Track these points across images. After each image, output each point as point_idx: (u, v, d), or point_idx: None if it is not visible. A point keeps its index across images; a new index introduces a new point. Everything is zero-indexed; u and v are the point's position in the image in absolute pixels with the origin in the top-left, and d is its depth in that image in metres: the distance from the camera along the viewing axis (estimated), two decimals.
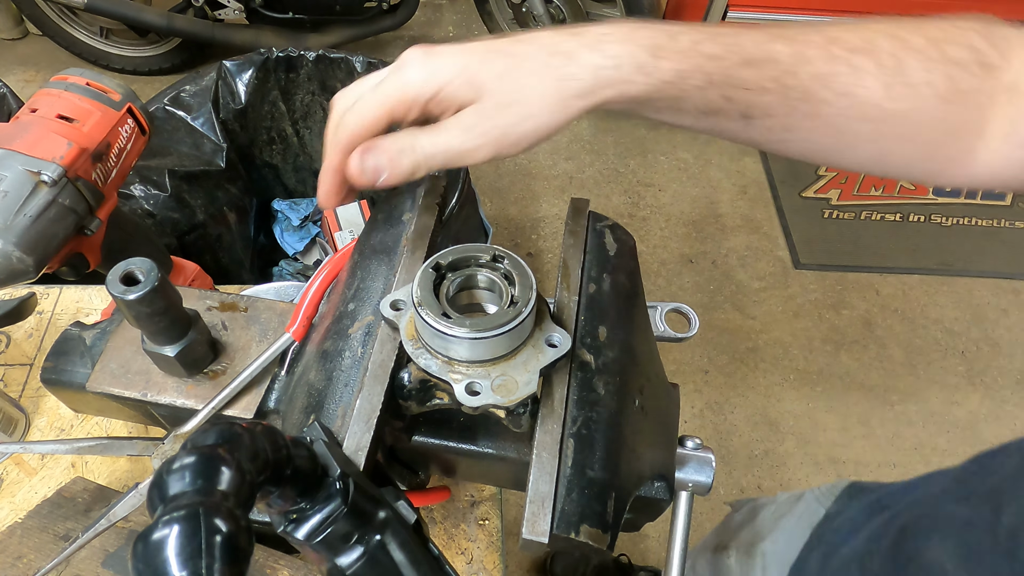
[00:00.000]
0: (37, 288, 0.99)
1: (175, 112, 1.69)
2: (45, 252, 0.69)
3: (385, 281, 0.55)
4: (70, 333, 0.60)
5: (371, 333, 0.51)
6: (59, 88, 0.74)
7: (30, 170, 0.66)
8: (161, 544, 0.27)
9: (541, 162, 2.71)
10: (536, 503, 0.44)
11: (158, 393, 0.55)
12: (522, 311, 0.44)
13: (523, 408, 0.46)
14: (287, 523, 0.39)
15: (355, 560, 0.40)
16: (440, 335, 0.43)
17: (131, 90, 0.79)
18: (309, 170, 2.03)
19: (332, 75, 1.80)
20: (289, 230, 2.01)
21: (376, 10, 2.57)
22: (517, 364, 0.45)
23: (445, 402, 0.48)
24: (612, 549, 0.46)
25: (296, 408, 0.52)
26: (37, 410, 0.88)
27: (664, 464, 0.53)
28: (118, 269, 0.47)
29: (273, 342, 0.55)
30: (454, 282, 0.48)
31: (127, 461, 0.84)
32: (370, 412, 0.46)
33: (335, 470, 0.39)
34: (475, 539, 0.79)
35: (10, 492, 0.81)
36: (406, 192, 0.61)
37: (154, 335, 0.51)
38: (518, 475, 0.53)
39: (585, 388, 0.49)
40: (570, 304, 0.53)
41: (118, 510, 0.52)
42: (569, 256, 0.56)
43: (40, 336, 0.95)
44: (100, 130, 0.74)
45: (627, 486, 0.50)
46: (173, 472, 0.30)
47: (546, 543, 0.43)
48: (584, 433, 0.47)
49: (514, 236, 2.52)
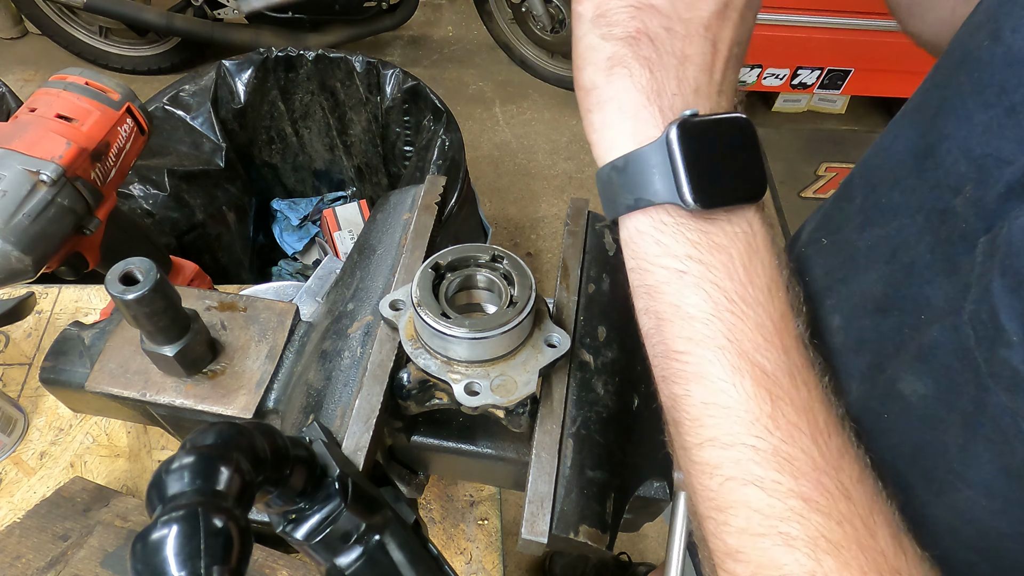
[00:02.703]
0: (36, 287, 0.99)
1: (174, 112, 1.69)
2: (44, 252, 0.69)
3: (384, 281, 0.55)
4: (69, 333, 0.60)
5: (370, 333, 0.51)
6: (58, 87, 0.74)
7: (29, 169, 0.66)
8: (160, 544, 0.27)
9: (540, 162, 2.71)
10: (535, 503, 0.44)
11: (157, 393, 0.55)
12: (521, 311, 0.44)
13: (522, 408, 0.46)
14: (286, 523, 0.39)
15: (354, 560, 0.40)
16: (439, 335, 0.43)
17: (130, 89, 0.79)
18: (308, 170, 2.03)
19: (331, 75, 1.80)
20: (288, 230, 2.01)
21: (375, 10, 2.57)
22: (516, 364, 0.45)
23: (444, 402, 0.48)
24: (611, 549, 0.46)
25: (295, 408, 0.52)
26: (36, 410, 0.88)
27: (663, 464, 0.53)
28: (117, 269, 0.47)
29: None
30: (453, 282, 0.48)
31: (126, 461, 0.84)
32: (369, 412, 0.46)
33: (334, 470, 0.39)
34: (474, 539, 0.79)
35: (9, 492, 0.81)
36: (406, 192, 0.61)
37: (153, 335, 0.51)
38: (517, 475, 0.53)
39: (584, 388, 0.49)
40: (569, 304, 0.53)
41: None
42: (568, 256, 0.56)
43: (39, 336, 0.95)
44: (99, 129, 0.73)
45: (626, 486, 0.50)
46: (172, 472, 0.30)
47: (545, 543, 0.43)
48: (583, 433, 0.47)
49: (513, 236, 2.52)
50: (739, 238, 0.36)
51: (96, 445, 0.85)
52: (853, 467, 0.35)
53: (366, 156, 1.98)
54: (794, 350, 0.36)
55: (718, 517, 0.36)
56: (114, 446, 0.85)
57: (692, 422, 0.37)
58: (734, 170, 0.36)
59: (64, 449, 0.85)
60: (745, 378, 0.35)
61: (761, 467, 0.34)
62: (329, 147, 1.98)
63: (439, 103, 1.72)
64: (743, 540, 0.35)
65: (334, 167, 2.04)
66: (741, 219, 0.37)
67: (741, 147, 0.36)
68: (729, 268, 0.36)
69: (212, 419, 0.55)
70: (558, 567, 1.76)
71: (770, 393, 0.35)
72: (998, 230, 0.37)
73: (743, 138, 0.36)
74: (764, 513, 0.34)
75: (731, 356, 0.35)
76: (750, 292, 0.36)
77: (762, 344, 0.35)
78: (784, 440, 0.34)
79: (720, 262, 0.36)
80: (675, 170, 0.34)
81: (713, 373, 0.35)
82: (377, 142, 1.92)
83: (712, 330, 0.35)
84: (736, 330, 0.35)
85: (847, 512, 0.34)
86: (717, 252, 0.36)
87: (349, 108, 1.86)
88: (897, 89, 2.58)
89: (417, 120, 1.80)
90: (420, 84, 1.75)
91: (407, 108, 1.78)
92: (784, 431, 0.34)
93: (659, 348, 0.38)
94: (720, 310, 0.35)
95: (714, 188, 0.35)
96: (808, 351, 0.37)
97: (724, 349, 0.35)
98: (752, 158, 0.36)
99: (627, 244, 0.39)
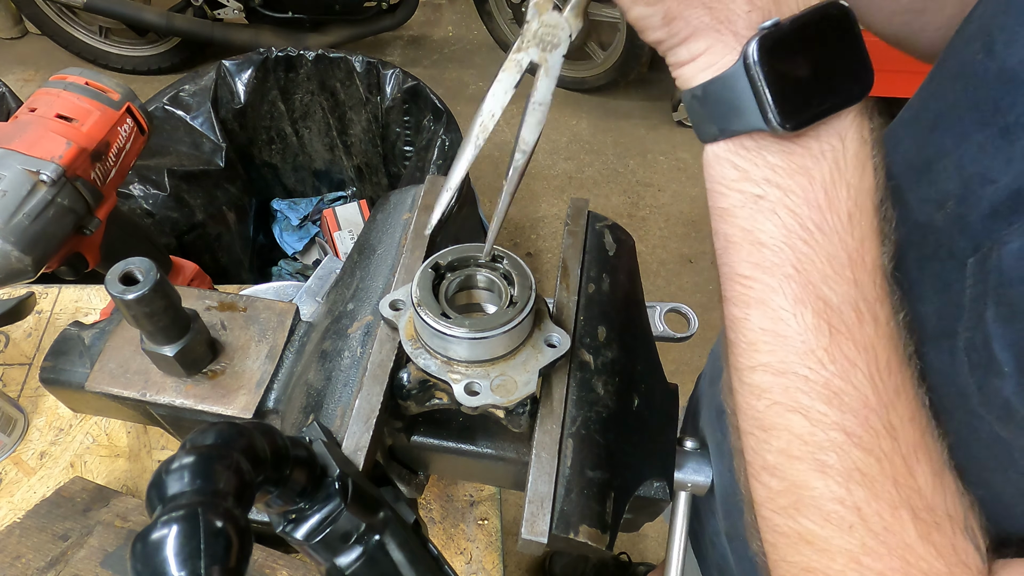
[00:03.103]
0: (36, 287, 0.99)
1: (174, 111, 1.69)
2: (44, 251, 0.69)
3: (384, 281, 0.55)
4: (69, 333, 0.60)
5: (370, 333, 0.51)
6: (58, 87, 0.74)
7: (29, 169, 0.66)
8: (160, 544, 0.27)
9: (540, 162, 2.71)
10: (535, 503, 0.44)
11: (157, 393, 0.55)
12: (521, 311, 0.44)
13: (522, 408, 0.46)
14: (286, 523, 0.39)
15: (354, 560, 0.40)
16: (439, 335, 0.43)
17: (130, 89, 0.79)
18: (308, 170, 2.03)
19: (331, 75, 1.80)
20: (288, 230, 2.01)
21: (375, 10, 2.57)
22: (516, 364, 0.45)
23: (444, 402, 0.48)
24: (611, 549, 0.46)
25: (295, 408, 0.52)
26: (36, 410, 0.88)
27: (663, 464, 0.53)
28: (117, 269, 0.47)
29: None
30: (453, 282, 0.48)
31: (126, 461, 0.84)
32: (369, 412, 0.46)
33: (334, 470, 0.39)
34: (474, 539, 0.79)
35: (9, 492, 0.81)
36: (406, 192, 0.61)
37: (153, 335, 0.51)
38: (517, 475, 0.53)
39: (584, 388, 0.49)
40: (569, 304, 0.53)
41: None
42: (568, 256, 0.56)
43: (39, 336, 0.95)
44: (99, 129, 0.73)
45: (626, 486, 0.50)
46: (172, 472, 0.30)
47: (545, 543, 0.43)
48: (583, 433, 0.47)
49: (513, 236, 2.51)
50: (826, 157, 0.34)
51: (96, 445, 0.85)
52: (907, 407, 0.35)
53: (366, 156, 1.98)
54: (868, 282, 0.35)
55: (760, 435, 0.37)
56: (114, 446, 0.85)
57: (748, 345, 0.37)
58: (830, 74, 0.33)
59: (64, 449, 0.85)
60: (807, 309, 0.34)
61: (809, 397, 0.35)
62: (329, 147, 1.98)
63: (439, 103, 1.72)
64: (780, 459, 0.36)
65: (334, 167, 2.04)
66: (832, 133, 0.34)
67: (837, 42, 0.32)
68: (808, 192, 0.34)
69: (212, 419, 0.55)
70: (558, 567, 1.76)
71: (831, 326, 0.34)
72: (987, 251, 0.37)
73: (838, 31, 0.32)
74: (804, 440, 0.35)
75: (795, 287, 0.34)
76: (828, 219, 0.34)
77: (831, 275, 0.34)
78: (837, 374, 0.34)
79: (799, 186, 0.34)
80: (757, 95, 0.32)
81: (775, 301, 0.35)
82: (377, 142, 1.92)
83: (781, 258, 0.34)
84: (805, 259, 0.34)
85: (888, 450, 0.34)
86: (799, 175, 0.34)
87: (349, 108, 1.86)
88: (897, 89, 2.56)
89: (417, 120, 1.80)
90: (420, 84, 1.75)
91: (407, 108, 1.79)
92: (839, 365, 0.34)
93: (725, 270, 0.37)
94: (792, 238, 0.34)
95: (806, 105, 0.32)
96: (886, 282, 0.35)
97: (790, 278, 0.34)
98: (851, 51, 0.33)
99: (706, 165, 0.37)
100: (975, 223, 0.38)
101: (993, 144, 0.38)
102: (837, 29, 0.32)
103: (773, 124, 0.32)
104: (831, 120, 0.33)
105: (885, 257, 0.36)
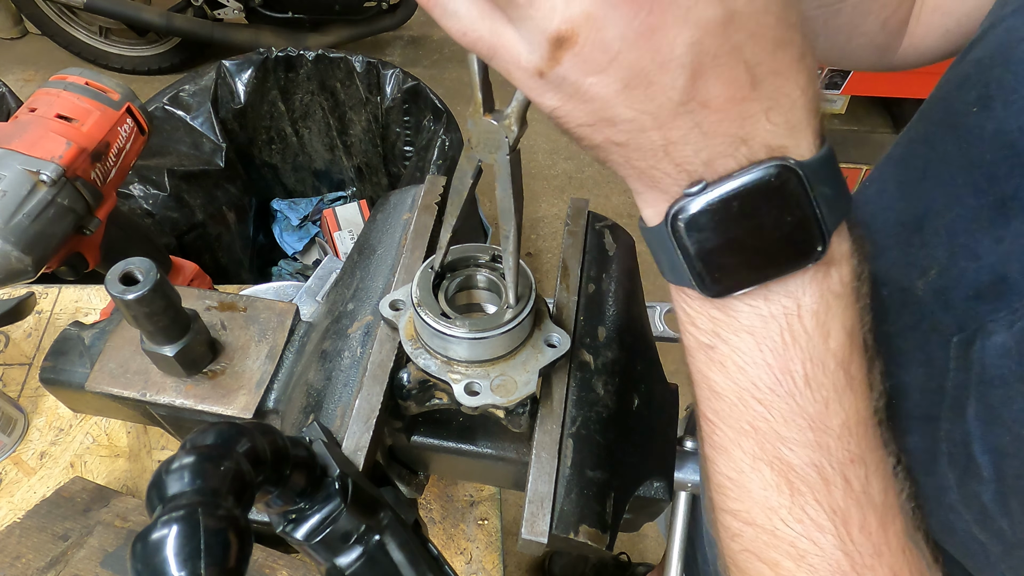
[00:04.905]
0: (36, 288, 0.99)
1: (174, 112, 1.69)
2: (44, 252, 0.69)
3: (384, 281, 0.55)
4: (69, 333, 0.60)
5: (370, 333, 0.51)
6: (58, 87, 0.74)
7: (29, 170, 0.66)
8: (160, 544, 0.27)
9: (540, 162, 2.71)
10: (535, 503, 0.44)
11: (157, 393, 0.55)
12: (521, 311, 0.44)
13: (522, 408, 0.46)
14: (286, 523, 0.39)
15: (354, 560, 0.40)
16: (439, 335, 0.43)
17: (130, 90, 0.79)
18: (308, 170, 2.03)
19: (331, 75, 1.80)
20: (288, 230, 2.01)
21: (375, 10, 2.57)
22: (516, 364, 0.45)
23: (444, 402, 0.48)
24: (611, 549, 0.46)
25: (295, 408, 0.52)
26: (36, 410, 0.88)
27: (663, 464, 0.53)
28: (117, 269, 0.47)
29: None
30: (453, 282, 0.48)
31: (126, 461, 0.84)
32: (369, 412, 0.46)
33: (334, 470, 0.39)
34: (474, 539, 0.79)
35: (9, 492, 0.81)
36: (406, 192, 0.61)
37: (153, 335, 0.51)
38: (517, 475, 0.53)
39: (584, 388, 0.49)
40: (569, 304, 0.53)
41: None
42: (568, 256, 0.56)
43: (39, 336, 0.95)
44: (99, 129, 0.73)
45: (626, 486, 0.50)
46: (172, 472, 0.30)
47: (545, 543, 0.43)
48: (583, 433, 0.47)
49: None
50: (776, 319, 0.30)
51: (96, 445, 0.85)
52: (889, 569, 0.33)
53: (366, 156, 1.98)
54: (834, 446, 0.32)
55: (735, 571, 0.36)
56: (114, 446, 0.85)
57: (718, 487, 0.35)
58: (765, 243, 0.29)
59: (64, 449, 0.85)
60: (766, 467, 0.32)
61: (777, 552, 0.33)
62: (329, 147, 1.98)
63: (439, 103, 1.72)
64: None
65: (334, 167, 2.04)
66: (783, 294, 0.30)
67: (775, 210, 0.28)
68: (756, 354, 0.31)
69: (212, 419, 0.55)
70: (558, 567, 1.75)
71: (791, 487, 0.32)
72: (972, 335, 0.36)
73: (778, 198, 0.28)
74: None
75: (752, 443, 0.32)
76: (782, 381, 0.31)
77: (789, 437, 0.32)
78: (803, 535, 0.32)
79: (746, 345, 0.31)
80: (679, 262, 0.30)
81: (735, 453, 0.33)
82: (377, 142, 1.92)
83: (736, 413, 0.32)
84: (760, 418, 0.32)
85: None
86: (744, 334, 0.31)
87: (349, 108, 1.86)
88: (897, 89, 2.58)
89: (417, 120, 1.80)
90: (420, 84, 1.75)
91: (407, 108, 1.78)
92: (804, 525, 0.32)
93: (697, 403, 0.36)
94: (744, 395, 0.32)
95: (735, 273, 0.29)
96: (866, 438, 0.33)
97: (746, 434, 0.32)
98: (794, 218, 0.28)
99: (671, 293, 0.35)
100: (958, 302, 0.37)
101: (987, 216, 0.37)
102: (776, 197, 0.28)
103: (698, 291, 0.30)
104: (784, 280, 0.30)
105: (868, 408, 0.33)
